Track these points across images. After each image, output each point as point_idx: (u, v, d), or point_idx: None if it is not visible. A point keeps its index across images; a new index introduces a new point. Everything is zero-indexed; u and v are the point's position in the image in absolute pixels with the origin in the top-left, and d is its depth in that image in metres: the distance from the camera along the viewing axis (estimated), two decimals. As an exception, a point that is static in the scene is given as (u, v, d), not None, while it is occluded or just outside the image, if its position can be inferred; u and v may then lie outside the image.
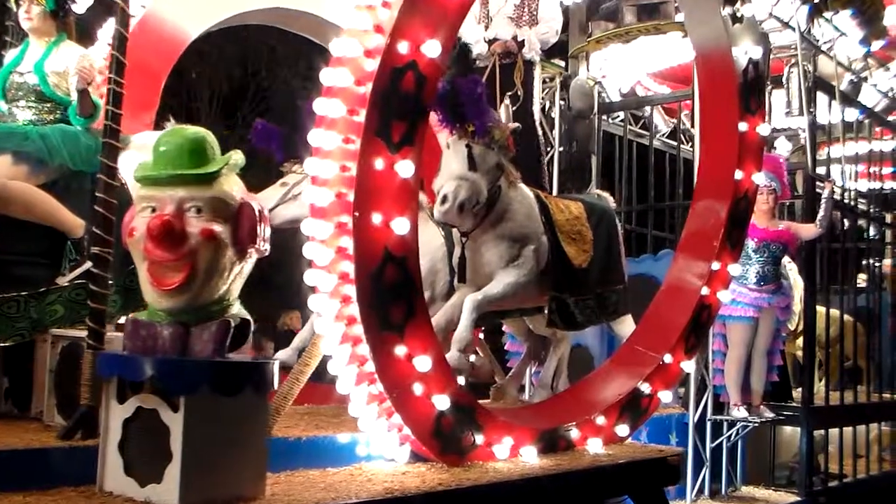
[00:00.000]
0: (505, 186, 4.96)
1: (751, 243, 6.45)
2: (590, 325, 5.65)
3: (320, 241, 3.75)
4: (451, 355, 4.48)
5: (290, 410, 5.10)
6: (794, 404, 7.08)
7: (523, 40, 5.84)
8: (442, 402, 4.07)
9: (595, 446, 5.01)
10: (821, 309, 8.73)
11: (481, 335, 7.05)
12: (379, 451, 4.20)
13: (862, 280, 10.92)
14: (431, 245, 5.31)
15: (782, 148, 9.90)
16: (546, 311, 5.21)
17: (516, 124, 4.85)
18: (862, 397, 8.15)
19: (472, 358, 5.50)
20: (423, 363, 3.94)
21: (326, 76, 3.71)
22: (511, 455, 4.50)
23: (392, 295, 3.83)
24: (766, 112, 5.75)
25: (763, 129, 5.76)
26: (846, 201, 7.91)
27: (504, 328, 6.66)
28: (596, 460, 4.75)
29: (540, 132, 5.82)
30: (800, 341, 8.16)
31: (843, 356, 8.33)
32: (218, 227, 3.18)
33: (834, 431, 7.67)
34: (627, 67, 8.89)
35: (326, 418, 4.70)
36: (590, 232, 5.56)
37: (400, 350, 3.90)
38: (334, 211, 3.74)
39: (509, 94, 5.76)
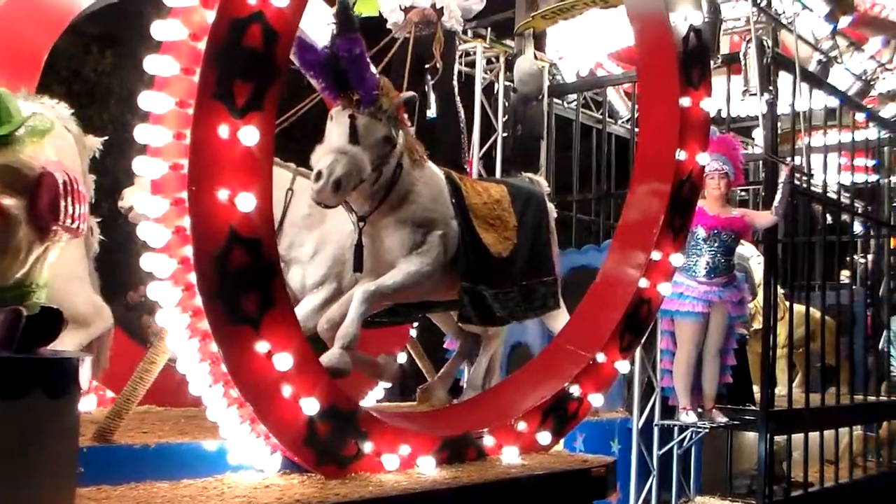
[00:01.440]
0: (408, 165, 4.47)
1: (700, 232, 5.97)
2: (514, 319, 5.16)
3: (155, 220, 3.26)
4: (331, 353, 4.01)
5: (162, 414, 4.66)
6: (753, 408, 6.58)
7: (442, 8, 5.34)
8: (310, 405, 3.58)
9: (510, 456, 4.52)
10: (796, 307, 8.31)
11: (413, 332, 6.59)
12: (249, 461, 3.73)
13: (845, 277, 10.48)
14: (341, 232, 4.84)
15: (759, 138, 9.41)
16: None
17: (411, 93, 4.36)
18: (832, 400, 7.63)
19: (382, 358, 5.03)
20: (284, 361, 3.45)
21: (157, 29, 3.21)
22: (405, 466, 4.01)
23: (242, 283, 3.33)
24: (710, 85, 5.25)
25: (707, 104, 5.26)
26: (830, 194, 7.42)
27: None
28: (506, 472, 4.25)
29: (460, 108, 5.32)
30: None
31: (799, 355, 7.85)
32: (7, 201, 2.70)
33: (808, 436, 7.19)
34: (585, 48, 8.40)
35: (201, 421, 4.21)
36: (514, 218, 5.06)
37: (258, 346, 3.41)
38: (170, 185, 3.24)
39: (427, 66, 5.27)
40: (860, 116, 8.74)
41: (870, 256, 9.78)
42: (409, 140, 4.54)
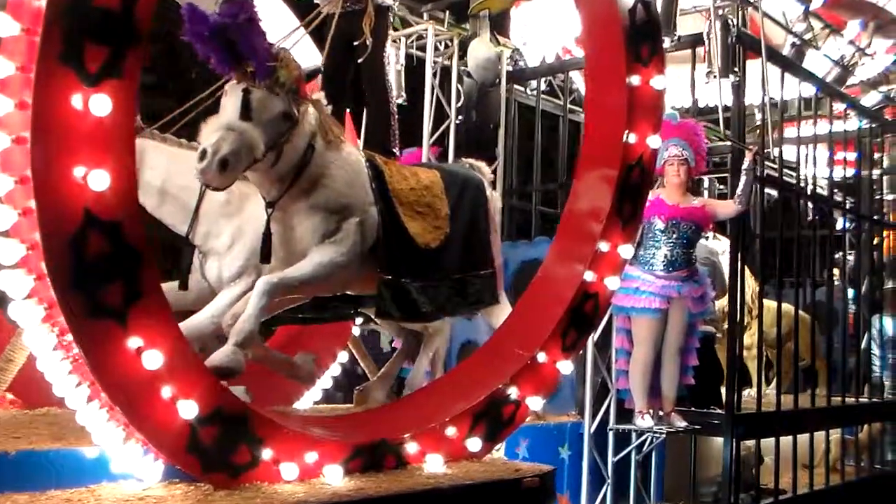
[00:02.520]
0: (321, 146, 4.15)
1: (658, 223, 5.63)
2: (444, 315, 4.85)
3: (-1, 200, 2.92)
4: (221, 351, 3.69)
5: (49, 417, 4.31)
6: (718, 411, 6.23)
7: (373, -19, 5.00)
8: (188, 409, 3.24)
9: (434, 464, 4.17)
10: (770, 303, 7.97)
11: (357, 330, 6.28)
12: (131, 469, 3.40)
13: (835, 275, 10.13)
14: (261, 221, 4.49)
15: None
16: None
17: (315, 65, 4.02)
18: (808, 402, 7.28)
19: (299, 357, 4.71)
20: (153, 359, 3.11)
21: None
22: (308, 475, 3.68)
23: (102, 271, 2.99)
24: (663, 62, 4.91)
25: (659, 83, 4.92)
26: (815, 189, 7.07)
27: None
28: (423, 482, 3.91)
29: (391, 89, 4.97)
30: (746, 339, 7.36)
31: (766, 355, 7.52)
32: None
33: (785, 441, 6.85)
34: (551, 33, 8.05)
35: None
36: (446, 206, 4.74)
37: (126, 343, 3.08)
38: (15, 161, 2.90)
39: (355, 43, 4.93)
40: (840, 105, 8.40)
41: (851, 253, 9.45)
42: (324, 119, 4.22)
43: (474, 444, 4.39)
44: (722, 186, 10.18)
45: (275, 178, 4.03)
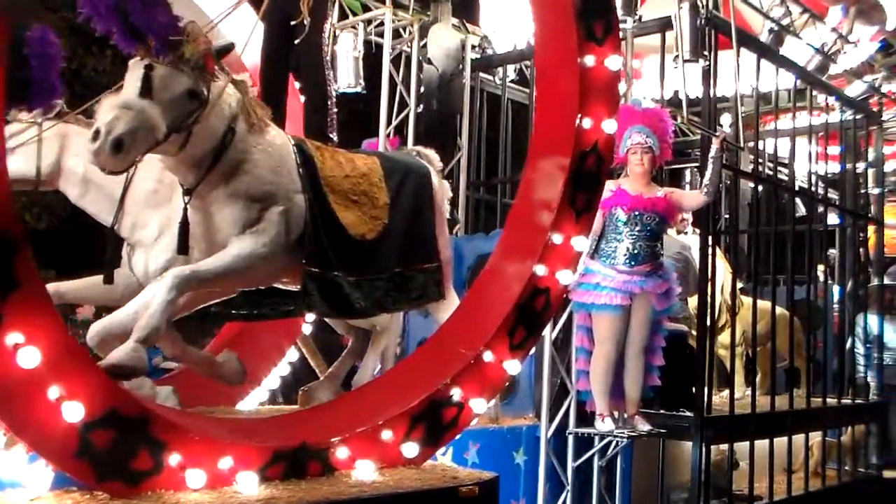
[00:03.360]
0: (242, 129, 3.91)
1: (620, 214, 5.37)
2: (381, 311, 4.60)
3: None
4: (121, 349, 3.44)
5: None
6: (687, 414, 5.97)
7: (311, -44, 4.75)
8: (74, 411, 2.99)
9: (365, 471, 3.91)
10: (749, 301, 7.73)
11: (307, 328, 6.02)
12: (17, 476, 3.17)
13: (821, 272, 9.87)
14: None
15: (726, 123, 8.83)
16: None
17: (227, 41, 3.77)
18: (789, 403, 7.01)
19: (223, 355, 4.46)
20: (30, 357, 2.86)
21: None
22: (220, 482, 3.44)
23: (-32, 259, 2.74)
24: (618, 41, 4.65)
25: (614, 63, 4.66)
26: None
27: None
28: (345, 491, 3.64)
29: (329, 72, 4.72)
30: (723, 338, 7.10)
31: (758, 354, 7.26)
32: None
33: (761, 444, 6.59)
34: (521, 19, 7.79)
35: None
36: (386, 195, 4.50)
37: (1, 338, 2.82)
38: None
39: (293, 23, 4.68)
40: (821, 96, 8.14)
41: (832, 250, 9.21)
42: (247, 101, 3.97)
43: (410, 449, 4.13)
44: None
45: (190, 164, 3.79)
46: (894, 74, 8.99)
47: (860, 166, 8.77)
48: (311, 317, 5.65)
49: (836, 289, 9.06)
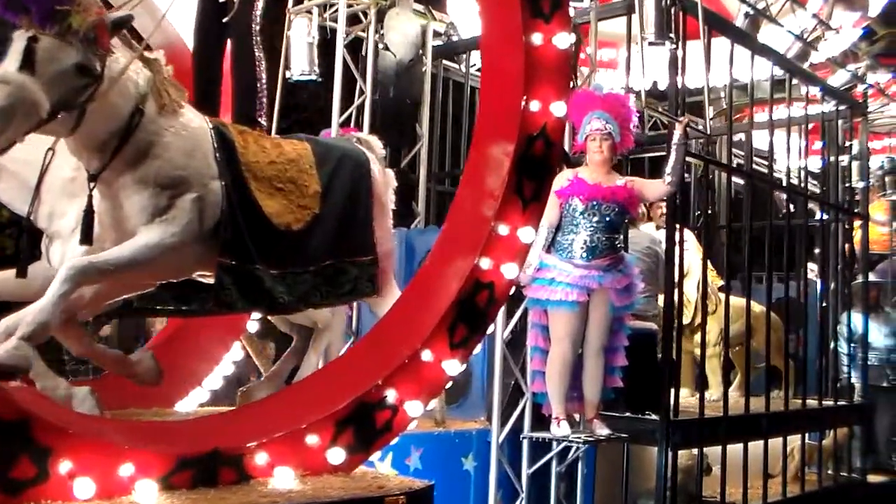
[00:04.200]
0: (153, 111, 3.67)
1: (577, 204, 5.11)
2: (308, 306, 4.36)
3: None
4: (5, 346, 3.20)
5: None
6: (652, 417, 5.70)
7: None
8: (-65, 415, 2.73)
9: (284, 479, 3.65)
10: (735, 300, 7.49)
11: (253, 327, 5.75)
12: None
13: (812, 271, 9.62)
14: None
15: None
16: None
17: (125, 13, 3.50)
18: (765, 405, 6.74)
19: (137, 354, 4.20)
20: None
21: None
22: (118, 492, 3.19)
23: None
24: (567, 18, 4.39)
25: (563, 41, 4.40)
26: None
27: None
28: (252, 501, 3.38)
29: (258, 52, 4.46)
30: (698, 337, 6.83)
31: (737, 354, 6.99)
32: None
33: (737, 448, 6.32)
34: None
35: None
36: (317, 183, 4.25)
37: None
38: None
39: (221, 0, 4.43)
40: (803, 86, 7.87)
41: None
42: (159, 80, 3.72)
43: (336, 455, 3.87)
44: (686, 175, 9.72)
45: (91, 147, 3.55)
46: (880, 64, 8.71)
47: (844, 159, 8.46)
48: (257, 315, 5.40)
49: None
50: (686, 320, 7.67)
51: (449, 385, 4.54)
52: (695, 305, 7.71)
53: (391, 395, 4.07)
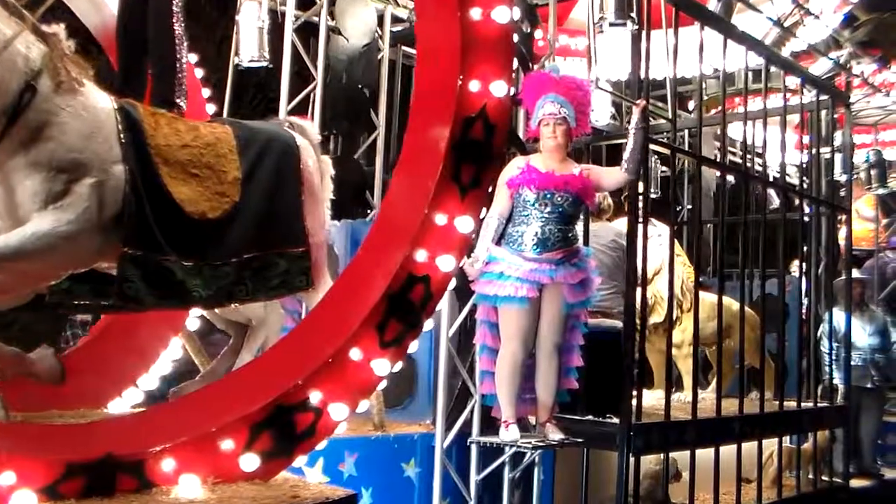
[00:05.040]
0: (48, 88, 3.43)
1: (528, 194, 4.83)
2: (232, 301, 4.11)
3: None
4: None
5: None
6: (613, 420, 5.43)
7: None
8: None
9: (189, 487, 3.41)
10: (705, 297, 7.24)
11: (195, 324, 5.50)
12: None
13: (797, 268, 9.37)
14: None
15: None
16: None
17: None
18: (742, 408, 6.47)
19: (38, 352, 3.96)
20: None
21: None
22: (-6, 503, 2.94)
23: None
24: (508, -9, 4.15)
25: (503, 15, 4.16)
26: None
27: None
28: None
29: (179, 29, 4.20)
30: (675, 336, 6.58)
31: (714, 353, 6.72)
32: None
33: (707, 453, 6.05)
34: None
35: None
36: (237, 169, 4.01)
37: None
38: None
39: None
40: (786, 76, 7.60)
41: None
42: (56, 56, 3.47)
43: (250, 461, 3.64)
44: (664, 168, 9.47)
45: None
46: (864, 53, 8.43)
47: (825, 151, 8.17)
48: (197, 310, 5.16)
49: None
50: (659, 318, 7.45)
51: (383, 385, 4.31)
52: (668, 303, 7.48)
53: (314, 397, 3.84)
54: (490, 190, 4.42)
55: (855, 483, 8.01)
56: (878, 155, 9.55)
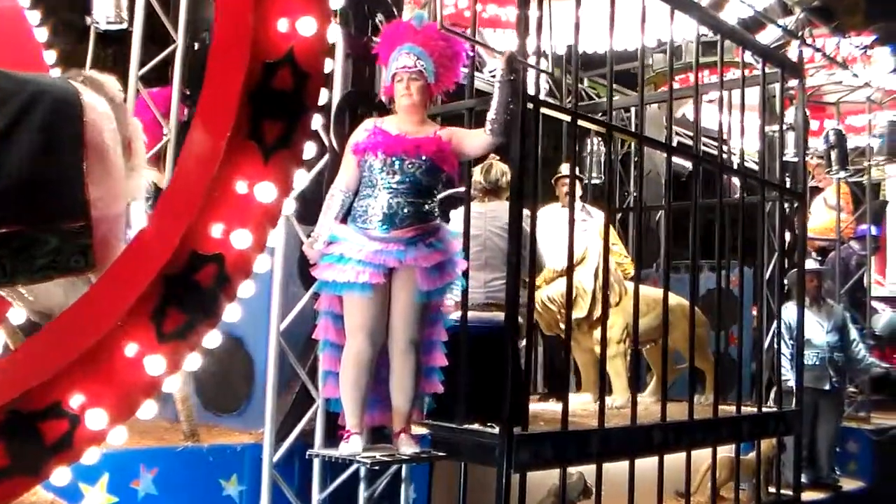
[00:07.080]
0: None
1: (374, 161, 4.24)
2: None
3: None
4: None
5: None
6: (493, 430, 4.80)
7: None
8: None
9: None
10: (649, 291, 6.70)
11: (20, 316, 4.90)
12: None
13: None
14: None
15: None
16: None
17: None
18: (664, 415, 5.84)
19: None
20: None
21: None
22: None
23: None
24: None
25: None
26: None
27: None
28: None
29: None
30: (598, 334, 5.94)
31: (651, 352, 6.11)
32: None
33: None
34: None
35: None
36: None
37: None
38: None
39: None
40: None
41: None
42: None
43: (-32, 480, 3.03)
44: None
45: None
46: (819, 23, 7.78)
47: (773, 128, 7.55)
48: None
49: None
50: (582, 313, 6.85)
51: (176, 387, 3.70)
52: (591, 296, 6.88)
53: (72, 402, 3.23)
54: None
55: (808, 496, 7.39)
56: (838, 135, 8.92)
